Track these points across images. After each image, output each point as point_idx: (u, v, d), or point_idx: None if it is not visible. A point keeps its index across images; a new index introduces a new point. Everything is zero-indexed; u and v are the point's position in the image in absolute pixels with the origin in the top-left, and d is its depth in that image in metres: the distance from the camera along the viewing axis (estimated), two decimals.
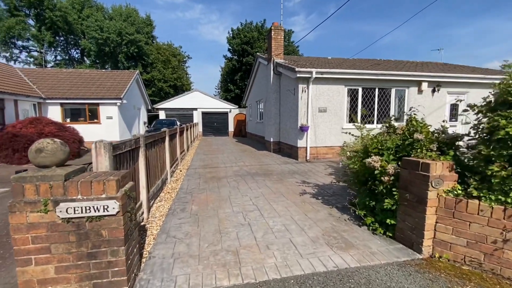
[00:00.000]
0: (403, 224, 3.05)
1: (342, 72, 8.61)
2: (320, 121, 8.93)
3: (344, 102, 9.11)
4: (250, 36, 29.12)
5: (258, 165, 8.25)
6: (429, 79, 9.48)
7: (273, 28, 10.54)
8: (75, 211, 1.91)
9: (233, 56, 31.92)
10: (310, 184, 5.81)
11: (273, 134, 11.01)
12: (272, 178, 6.38)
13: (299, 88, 8.66)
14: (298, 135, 8.84)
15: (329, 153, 9.16)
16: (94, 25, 27.44)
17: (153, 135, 4.59)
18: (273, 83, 10.82)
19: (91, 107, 14.70)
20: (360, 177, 3.86)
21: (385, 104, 9.49)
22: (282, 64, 9.74)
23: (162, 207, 4.34)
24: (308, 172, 7.05)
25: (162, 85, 30.33)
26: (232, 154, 10.89)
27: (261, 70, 14.46)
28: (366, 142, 3.86)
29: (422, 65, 12.81)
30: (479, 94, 10.27)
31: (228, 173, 7.07)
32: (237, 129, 22.68)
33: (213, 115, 22.45)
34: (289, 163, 8.46)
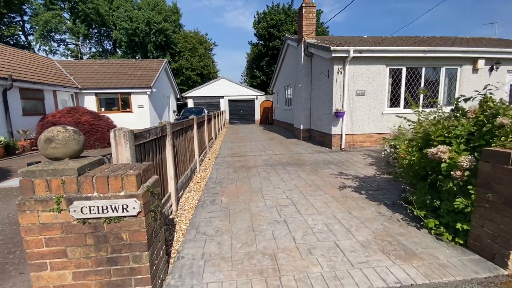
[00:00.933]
0: (480, 230, 2.44)
1: (383, 50, 7.66)
2: (358, 106, 8.13)
3: (385, 84, 8.17)
4: (277, 19, 27.90)
5: (288, 154, 7.78)
6: (487, 55, 8.12)
7: (304, 5, 9.69)
8: (90, 211, 1.64)
9: (259, 41, 31.00)
10: (349, 176, 5.24)
11: (303, 121, 10.39)
12: (305, 169, 5.90)
13: (334, 70, 7.89)
14: (332, 122, 8.15)
15: (367, 141, 8.38)
16: (124, 16, 28.06)
17: (180, 123, 4.33)
18: (304, 65, 10.08)
19: (123, 96, 15.11)
20: (417, 170, 3.24)
21: (433, 86, 8.36)
22: (315, 44, 8.95)
23: (191, 198, 4.11)
24: (345, 163, 6.44)
25: (189, 74, 30.55)
26: (260, 142, 10.51)
27: (290, 53, 13.66)
28: (426, 128, 3.20)
29: (474, 41, 11.13)
30: None
31: (257, 162, 6.71)
32: (264, 116, 22.19)
33: (240, 102, 22.14)
34: (322, 152, 7.87)
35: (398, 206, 3.63)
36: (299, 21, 10.24)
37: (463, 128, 2.84)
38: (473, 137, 2.80)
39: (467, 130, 2.82)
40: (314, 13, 9.82)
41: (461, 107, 3.26)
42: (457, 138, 2.90)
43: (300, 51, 10.26)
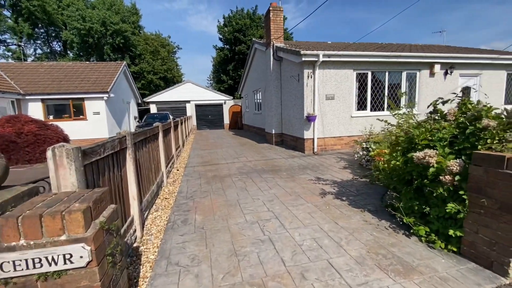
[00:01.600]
0: (474, 236, 2.37)
1: (351, 54, 7.83)
2: (328, 110, 8.19)
3: (353, 88, 8.37)
4: (242, 24, 27.85)
5: (262, 160, 7.50)
6: (442, 61, 8.79)
7: (271, 8, 9.61)
8: (15, 267, 1.13)
9: (225, 46, 30.65)
10: (327, 181, 5.11)
11: (275, 126, 10.24)
12: (282, 175, 5.66)
13: (304, 74, 7.85)
14: (304, 126, 8.09)
15: (338, 144, 8.48)
16: (76, 15, 25.67)
17: (143, 132, 3.77)
18: (273, 69, 9.97)
19: (76, 103, 13.58)
20: (402, 175, 3.15)
21: (395, 89, 8.79)
22: (284, 48, 8.88)
23: (159, 219, 3.57)
24: (320, 167, 6.35)
25: (152, 78, 28.95)
26: (231, 148, 10.10)
27: (258, 57, 13.54)
28: (409, 131, 3.13)
29: (428, 47, 12.11)
30: (491, 76, 9.70)
31: (231, 170, 6.31)
32: (233, 121, 21.81)
33: (207, 107, 21.48)
34: (296, 157, 7.74)
35: (382, 212, 3.53)
36: (267, 25, 10.13)
37: (446, 131, 2.80)
38: (457, 140, 2.76)
39: (451, 133, 2.78)
40: (282, 17, 9.79)
41: (439, 109, 3.27)
42: (440, 141, 2.86)
43: (268, 55, 10.14)
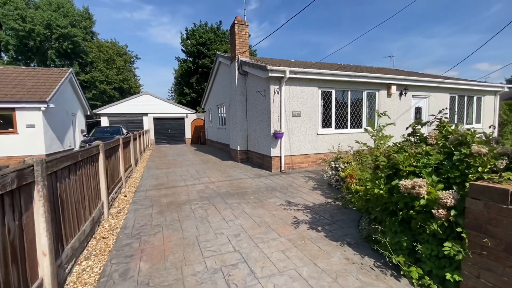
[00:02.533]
0: (476, 282, 2.04)
1: (316, 72, 7.80)
2: (294, 127, 7.96)
3: (318, 106, 8.32)
4: (206, 37, 27.49)
5: (227, 180, 6.84)
6: (398, 82, 9.31)
7: (236, 22, 9.33)
8: None
9: (188, 58, 29.83)
10: (298, 206, 4.66)
11: (240, 142, 9.72)
12: (249, 200, 5.07)
13: (270, 90, 7.56)
14: (271, 143, 7.71)
15: (305, 162, 8.24)
16: (13, 14, 22.69)
17: (73, 155, 2.90)
18: (238, 84, 9.57)
19: (4, 113, 11.45)
20: (387, 205, 2.81)
21: (357, 107, 9.00)
22: (250, 63, 8.56)
23: (89, 272, 2.68)
24: (289, 188, 5.93)
25: (105, 88, 26.60)
26: (192, 166, 9.24)
27: (222, 70, 13.10)
28: (391, 154, 2.83)
29: (382, 70, 12.97)
30: (437, 97, 10.59)
31: (191, 195, 5.52)
32: (195, 136, 20.78)
33: (167, 120, 20.18)
34: (263, 176, 7.25)
35: (363, 245, 3.14)
36: (232, 39, 9.80)
37: (433, 157, 2.54)
38: (443, 166, 2.52)
39: (437, 159, 2.53)
40: (247, 32, 9.56)
41: (418, 131, 3.06)
42: (425, 167, 2.59)
43: (233, 69, 9.74)
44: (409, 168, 2.60)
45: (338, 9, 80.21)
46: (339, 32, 78.68)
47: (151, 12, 63.13)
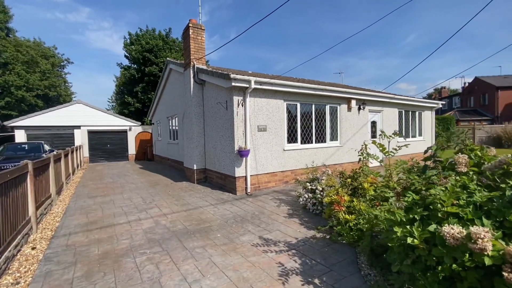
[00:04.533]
0: None
1: (282, 84, 7.21)
2: (260, 142, 7.15)
3: (284, 119, 7.71)
4: (154, 44, 25.40)
5: (183, 211, 5.56)
6: (357, 97, 9.40)
7: (191, 25, 8.27)
8: None
9: (132, 65, 27.10)
10: (279, 244, 3.75)
11: (197, 160, 8.46)
12: (216, 240, 3.96)
13: (234, 101, 6.65)
14: (235, 162, 6.72)
15: (272, 181, 7.45)
16: None
17: None
18: (194, 94, 8.41)
19: None
20: (423, 258, 2.08)
21: (321, 121, 8.70)
22: (209, 71, 7.55)
23: None
24: (261, 217, 4.99)
25: (23, 94, 22.03)
26: (137, 191, 7.59)
27: (174, 78, 11.72)
28: (426, 192, 2.14)
29: (338, 86, 13.29)
30: (389, 112, 11.12)
31: (135, 238, 4.13)
32: (141, 151, 18.40)
33: (106, 134, 17.41)
34: (227, 201, 6.17)
35: None
36: (186, 44, 8.67)
37: (482, 195, 1.92)
38: (490, 204, 1.92)
39: (485, 196, 1.92)
40: (203, 37, 8.56)
41: (441, 156, 2.48)
42: (469, 205, 1.97)
43: (188, 78, 8.57)
44: (452, 209, 1.93)
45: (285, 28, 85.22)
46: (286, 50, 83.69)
47: (90, 15, 57.02)
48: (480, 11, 5.17)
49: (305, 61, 39.88)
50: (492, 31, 77.67)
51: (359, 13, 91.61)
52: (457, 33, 24.00)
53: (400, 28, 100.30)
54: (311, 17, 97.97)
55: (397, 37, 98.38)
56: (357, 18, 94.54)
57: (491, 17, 76.98)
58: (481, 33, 76.92)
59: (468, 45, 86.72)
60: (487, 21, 51.70)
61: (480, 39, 79.94)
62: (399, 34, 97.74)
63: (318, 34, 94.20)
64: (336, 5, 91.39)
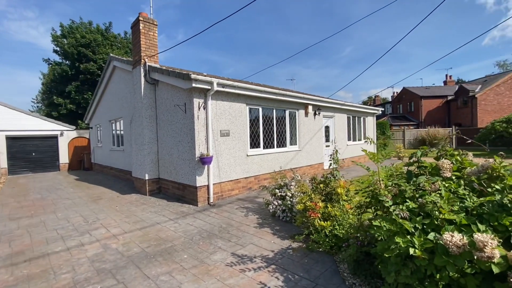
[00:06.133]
0: None
1: (245, 87, 6.97)
2: (223, 148, 6.76)
3: (247, 123, 7.48)
4: (92, 39, 22.61)
5: (137, 229, 4.81)
6: (314, 103, 9.76)
7: (141, 19, 7.44)
8: None
9: (64, 61, 23.64)
10: (256, 260, 3.45)
11: (148, 169, 7.58)
12: (183, 263, 3.44)
13: (194, 104, 6.13)
14: (196, 170, 6.19)
15: (235, 189, 7.11)
16: None
17: None
18: (145, 95, 7.55)
19: None
20: (421, 268, 2.03)
21: (281, 126, 8.74)
22: (164, 69, 6.86)
23: None
24: (230, 230, 4.62)
25: None
26: (75, 209, 6.38)
27: (118, 77, 10.44)
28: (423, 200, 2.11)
29: (295, 92, 13.69)
30: (340, 118, 11.88)
31: (78, 271, 3.32)
32: (75, 159, 15.98)
33: (30, 140, 14.62)
34: (189, 214, 5.60)
35: None
36: (135, 40, 7.77)
37: (469, 199, 1.96)
38: (481, 209, 1.97)
39: (476, 202, 1.97)
40: (156, 33, 7.80)
41: (425, 162, 2.52)
42: (459, 213, 2.00)
43: (137, 77, 7.66)
44: (449, 215, 1.93)
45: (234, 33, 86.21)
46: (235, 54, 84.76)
47: (9, 2, 48.02)
48: (409, 32, 5.80)
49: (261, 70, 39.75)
50: (411, 48, 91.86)
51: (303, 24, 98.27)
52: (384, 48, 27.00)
53: (338, 42, 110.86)
54: (260, 25, 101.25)
55: (336, 50, 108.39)
56: (301, 29, 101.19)
57: (411, 36, 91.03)
58: (402, 50, 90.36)
59: (392, 59, 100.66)
60: (407, 40, 60.87)
61: (401, 55, 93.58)
62: (338, 47, 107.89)
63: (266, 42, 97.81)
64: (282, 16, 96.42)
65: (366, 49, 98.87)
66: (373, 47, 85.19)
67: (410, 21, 74.93)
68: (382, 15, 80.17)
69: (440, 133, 20.51)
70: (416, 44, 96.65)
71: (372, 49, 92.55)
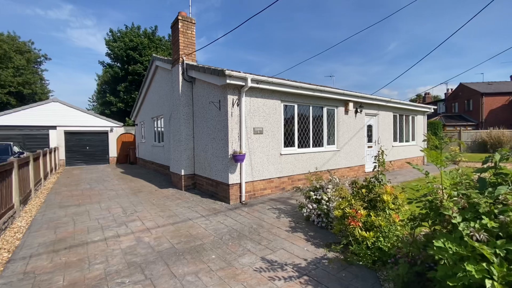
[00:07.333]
0: None
1: (280, 83, 6.68)
2: (256, 146, 6.56)
3: (281, 121, 7.17)
4: (138, 42, 24.34)
5: (170, 224, 4.86)
6: (355, 99, 9.03)
7: (180, 18, 7.60)
8: None
9: (115, 63, 25.83)
10: (286, 268, 3.16)
11: (185, 164, 7.74)
12: (210, 264, 3.31)
13: (228, 100, 6.04)
14: (229, 167, 6.09)
15: (268, 188, 6.87)
16: None
17: None
18: (183, 93, 7.72)
19: None
20: None
21: (318, 124, 8.24)
22: (200, 67, 6.90)
23: None
24: (261, 231, 4.39)
25: None
26: (117, 200, 6.77)
27: (160, 76, 10.94)
28: None
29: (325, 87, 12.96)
30: (384, 116, 10.87)
31: (111, 262, 3.40)
32: (123, 154, 17.30)
33: (85, 135, 16.22)
34: (220, 212, 5.52)
35: None
36: (174, 39, 7.99)
37: None
38: None
39: None
40: (194, 31, 7.91)
41: (504, 168, 1.99)
42: None
43: (176, 75, 7.86)
44: None
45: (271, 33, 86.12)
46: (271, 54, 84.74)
47: (72, 12, 54.44)
48: (467, 22, 4.93)
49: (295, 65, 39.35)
50: (472, 41, 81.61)
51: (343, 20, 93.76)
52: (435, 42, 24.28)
53: (382, 36, 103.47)
54: (297, 23, 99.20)
55: (379, 45, 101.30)
56: (341, 25, 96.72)
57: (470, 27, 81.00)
58: (458, 42, 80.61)
59: (445, 53, 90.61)
60: (464, 31, 54.25)
61: (457, 48, 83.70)
62: (381, 42, 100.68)
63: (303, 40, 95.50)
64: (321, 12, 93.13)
65: (413, 43, 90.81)
66: (422, 41, 77.64)
67: (467, 10, 66.60)
68: (433, 4, 72.40)
69: (505, 135, 17.76)
70: (475, 36, 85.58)
71: (421, 43, 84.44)
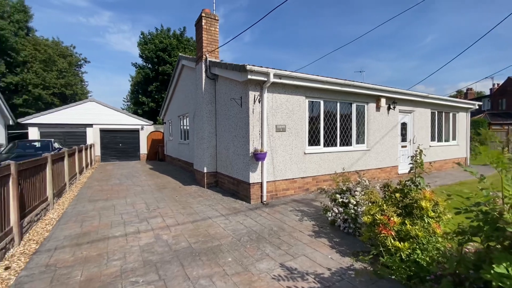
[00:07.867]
0: None
1: (304, 78, 6.33)
2: (278, 144, 6.30)
3: (306, 118, 6.82)
4: (168, 43, 25.15)
5: (190, 222, 4.80)
6: (387, 95, 8.34)
7: (204, 15, 7.57)
8: None
9: (146, 64, 26.97)
10: (307, 278, 2.88)
11: (207, 162, 7.72)
12: (226, 267, 3.14)
13: (249, 97, 5.85)
14: (250, 166, 5.91)
15: (290, 189, 6.57)
16: None
17: None
18: (206, 90, 7.69)
19: None
20: None
21: (346, 122, 7.73)
22: (222, 63, 6.81)
23: None
24: (281, 234, 4.14)
25: (40, 92, 22.29)
26: (142, 196, 6.93)
27: (185, 75, 11.10)
28: None
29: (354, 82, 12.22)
30: (421, 113, 9.96)
31: (128, 259, 3.38)
32: (152, 151, 18.00)
33: (118, 133, 17.13)
34: (240, 212, 5.36)
35: None
36: (198, 36, 7.98)
37: None
38: None
39: None
40: (217, 28, 7.84)
41: None
42: None
43: (200, 72, 7.86)
44: None
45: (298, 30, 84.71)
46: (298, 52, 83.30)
47: (110, 18, 58.36)
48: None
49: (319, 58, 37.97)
50: None
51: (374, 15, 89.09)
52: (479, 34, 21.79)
53: (417, 30, 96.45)
54: (325, 19, 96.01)
55: (414, 39, 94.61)
56: (372, 20, 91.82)
57: None
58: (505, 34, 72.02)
59: (490, 46, 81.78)
60: None
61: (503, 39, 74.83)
62: (417, 35, 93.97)
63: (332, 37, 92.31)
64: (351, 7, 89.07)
65: (453, 36, 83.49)
66: (462, 33, 71.02)
67: None
68: None
69: None
70: None
71: (461, 35, 77.35)
